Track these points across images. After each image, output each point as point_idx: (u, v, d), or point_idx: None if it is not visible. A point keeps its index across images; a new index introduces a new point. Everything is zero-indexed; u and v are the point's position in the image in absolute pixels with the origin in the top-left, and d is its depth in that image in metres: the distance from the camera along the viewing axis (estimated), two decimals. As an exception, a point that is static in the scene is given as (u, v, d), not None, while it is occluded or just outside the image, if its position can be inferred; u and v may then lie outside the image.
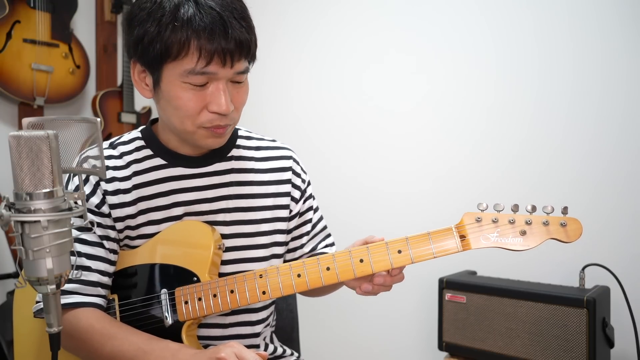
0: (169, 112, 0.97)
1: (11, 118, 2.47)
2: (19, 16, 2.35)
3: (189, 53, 0.89)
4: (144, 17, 0.91)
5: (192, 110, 0.93)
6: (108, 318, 0.99)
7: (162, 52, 0.89)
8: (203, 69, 0.89)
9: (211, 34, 0.87)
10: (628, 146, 1.59)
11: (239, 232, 1.07)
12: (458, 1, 1.88)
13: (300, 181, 1.14)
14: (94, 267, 1.00)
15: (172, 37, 0.88)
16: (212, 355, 0.85)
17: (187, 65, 0.89)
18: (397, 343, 2.03)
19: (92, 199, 1.00)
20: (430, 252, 0.93)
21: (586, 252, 1.57)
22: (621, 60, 1.60)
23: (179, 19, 0.88)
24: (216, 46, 0.88)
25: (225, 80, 0.93)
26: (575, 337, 1.38)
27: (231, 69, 0.92)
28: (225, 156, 1.08)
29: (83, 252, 0.99)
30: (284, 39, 2.33)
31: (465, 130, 1.88)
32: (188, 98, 0.92)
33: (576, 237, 0.89)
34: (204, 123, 0.94)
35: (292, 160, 1.14)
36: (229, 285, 0.98)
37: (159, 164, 1.05)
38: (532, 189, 1.74)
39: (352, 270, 0.95)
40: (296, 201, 1.13)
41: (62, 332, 0.96)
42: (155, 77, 0.95)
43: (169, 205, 1.03)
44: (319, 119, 2.23)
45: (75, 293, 0.98)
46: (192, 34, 0.88)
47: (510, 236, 0.91)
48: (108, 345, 0.94)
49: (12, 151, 0.62)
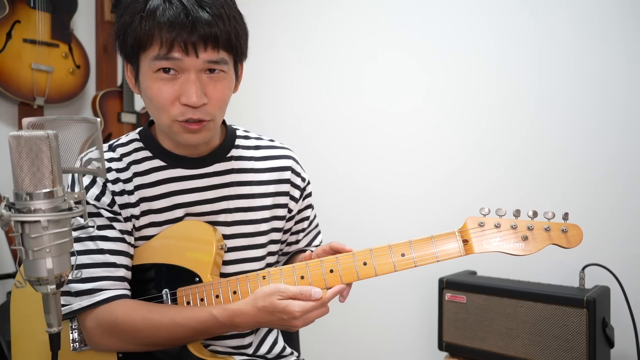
0: (147, 105, 0.98)
1: (11, 118, 2.47)
2: (19, 16, 2.35)
3: (153, 42, 0.91)
4: (123, 9, 0.95)
5: (164, 102, 0.93)
6: (141, 306, 0.98)
7: (134, 42, 0.92)
8: (166, 55, 0.90)
9: (171, 25, 0.89)
10: (628, 146, 1.59)
11: (240, 232, 1.07)
12: (458, 1, 1.88)
13: (300, 180, 1.14)
14: (119, 262, 0.99)
15: (139, 27, 0.91)
16: (281, 316, 0.92)
17: (152, 53, 0.91)
18: (397, 343, 2.03)
19: (104, 199, 1.00)
20: (434, 256, 0.94)
21: (586, 252, 1.57)
22: (621, 60, 1.60)
23: (146, 10, 0.91)
24: (175, 35, 0.89)
25: (195, 71, 0.92)
26: (575, 337, 1.38)
27: (197, 59, 0.91)
28: (225, 156, 1.08)
29: (106, 248, 0.98)
30: (284, 39, 2.33)
31: (465, 131, 1.88)
32: (158, 88, 0.93)
33: (577, 243, 0.90)
34: (177, 116, 0.94)
35: (291, 160, 1.14)
36: (231, 286, 0.98)
37: (158, 165, 1.04)
38: (533, 189, 1.74)
39: (356, 273, 0.95)
40: (296, 200, 1.13)
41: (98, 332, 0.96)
42: (135, 70, 0.97)
43: (170, 207, 1.03)
44: (318, 119, 2.23)
45: (105, 289, 0.97)
46: (154, 25, 0.90)
47: (512, 241, 0.92)
48: (160, 334, 0.95)
49: (12, 151, 0.62)
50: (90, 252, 0.98)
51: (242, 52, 0.99)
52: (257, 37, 2.33)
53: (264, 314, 0.93)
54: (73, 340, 1.02)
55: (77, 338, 1.02)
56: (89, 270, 0.97)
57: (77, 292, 0.97)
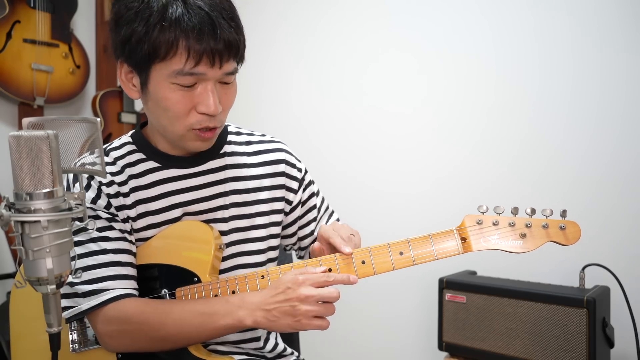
0: (158, 114, 0.96)
1: (11, 118, 2.47)
2: (19, 16, 2.35)
3: (177, 53, 0.88)
4: (131, 16, 0.89)
5: (181, 112, 0.93)
6: (151, 300, 0.98)
7: (150, 52, 0.88)
8: (192, 69, 0.89)
9: (200, 34, 0.87)
10: (628, 146, 1.59)
11: (236, 227, 1.07)
12: (458, 1, 1.88)
13: (296, 171, 1.14)
14: (124, 260, 0.99)
15: (160, 37, 0.87)
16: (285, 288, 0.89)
17: (175, 66, 0.89)
18: (397, 343, 2.03)
19: (99, 202, 1.00)
20: (432, 254, 0.94)
21: (586, 252, 1.57)
22: (621, 60, 1.60)
23: (167, 18, 0.87)
24: (205, 46, 0.87)
25: (213, 81, 0.92)
26: (575, 337, 1.38)
27: (220, 70, 0.91)
28: (218, 153, 1.08)
29: (109, 248, 0.98)
30: (284, 39, 2.33)
31: (465, 131, 1.88)
32: (177, 99, 0.92)
33: (575, 240, 0.90)
34: (194, 124, 0.94)
35: (284, 152, 1.14)
36: (230, 285, 0.98)
37: (152, 166, 1.04)
38: (532, 189, 1.74)
39: (355, 272, 0.95)
40: (295, 192, 1.13)
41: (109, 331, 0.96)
42: (142, 78, 0.93)
43: (167, 208, 1.03)
44: (318, 119, 2.23)
45: (112, 288, 0.97)
46: (180, 34, 0.86)
47: (510, 239, 0.92)
48: (169, 322, 0.94)
49: (12, 151, 0.62)
50: (94, 254, 0.98)
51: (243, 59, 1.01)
52: (258, 37, 2.34)
53: (270, 290, 0.92)
54: (72, 342, 1.02)
55: (76, 339, 1.02)
56: (95, 271, 0.97)
57: (84, 293, 0.97)
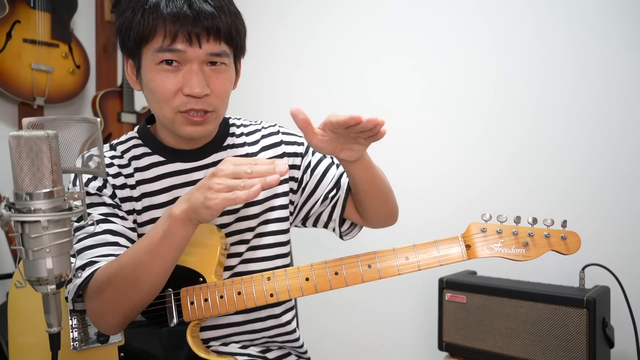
0: (149, 99, 0.99)
1: (11, 118, 2.47)
2: (19, 16, 2.35)
3: (156, 34, 0.92)
4: (124, 7, 0.97)
5: (167, 93, 0.95)
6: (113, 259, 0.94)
7: (137, 36, 0.94)
8: (169, 46, 0.92)
9: (175, 16, 0.91)
10: (628, 146, 1.59)
11: (239, 216, 1.07)
12: (458, 1, 1.88)
13: (296, 146, 1.13)
14: (122, 243, 0.98)
15: (142, 20, 0.93)
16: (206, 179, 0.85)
17: (156, 44, 0.93)
18: (397, 343, 2.03)
19: (105, 191, 1.01)
20: (437, 260, 0.95)
21: (586, 252, 1.56)
22: (621, 60, 1.60)
23: (149, 3, 0.93)
24: (179, 27, 0.91)
25: (198, 62, 0.94)
26: (575, 337, 1.38)
27: (201, 49, 0.93)
28: (222, 146, 1.09)
29: (109, 229, 0.97)
30: (285, 39, 2.33)
31: (464, 130, 1.88)
32: (161, 80, 0.94)
33: (575, 249, 0.92)
34: (179, 107, 0.95)
35: (280, 134, 1.13)
36: (236, 286, 0.98)
37: (157, 160, 1.05)
38: (532, 189, 1.74)
39: (360, 276, 0.96)
40: (298, 168, 1.12)
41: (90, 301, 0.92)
42: (137, 65, 0.98)
43: (172, 202, 1.03)
44: (319, 119, 2.23)
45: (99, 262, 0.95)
46: (158, 16, 0.92)
47: (513, 247, 0.94)
48: (125, 261, 0.90)
49: (12, 151, 0.62)
50: (94, 235, 0.97)
51: (242, 48, 1.02)
52: (258, 36, 2.33)
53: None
54: (73, 339, 1.02)
55: (77, 337, 1.02)
56: (92, 251, 0.95)
57: (76, 269, 0.95)
